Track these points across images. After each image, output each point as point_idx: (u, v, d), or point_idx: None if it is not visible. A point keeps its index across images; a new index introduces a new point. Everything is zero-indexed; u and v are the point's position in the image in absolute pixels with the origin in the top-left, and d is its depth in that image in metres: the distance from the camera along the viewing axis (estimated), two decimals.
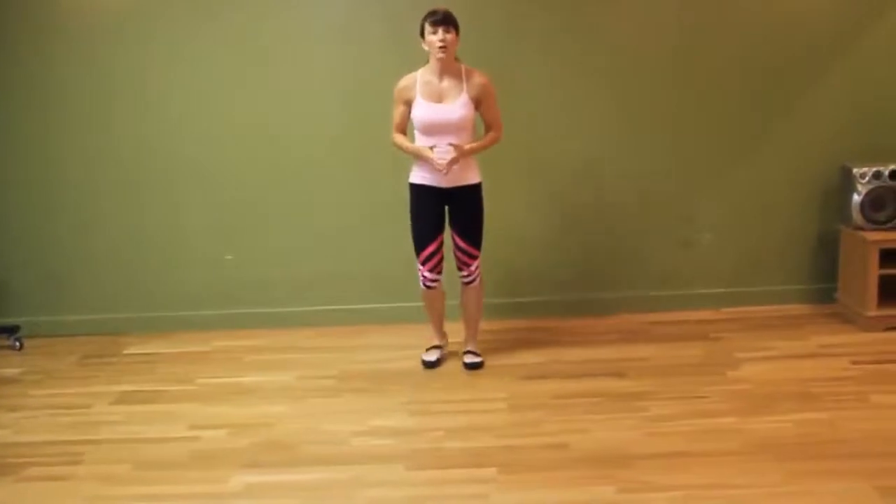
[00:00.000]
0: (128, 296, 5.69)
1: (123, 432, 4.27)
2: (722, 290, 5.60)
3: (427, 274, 4.76)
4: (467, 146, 4.52)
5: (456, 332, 5.03)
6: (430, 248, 4.71)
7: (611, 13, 5.32)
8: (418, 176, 4.67)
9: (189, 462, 3.93)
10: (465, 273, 4.79)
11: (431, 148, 4.49)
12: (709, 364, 4.71)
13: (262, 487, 3.66)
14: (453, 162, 4.47)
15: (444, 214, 4.73)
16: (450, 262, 4.82)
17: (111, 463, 3.94)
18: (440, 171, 4.48)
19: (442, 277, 4.81)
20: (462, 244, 4.72)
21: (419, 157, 4.58)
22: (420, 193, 4.69)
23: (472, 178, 4.67)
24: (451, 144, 4.46)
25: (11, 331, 5.53)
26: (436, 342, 5.01)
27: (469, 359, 4.88)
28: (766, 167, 5.46)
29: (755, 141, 5.44)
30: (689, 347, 4.96)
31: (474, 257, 4.75)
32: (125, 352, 5.41)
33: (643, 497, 3.39)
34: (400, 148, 4.67)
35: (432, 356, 4.93)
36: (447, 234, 4.78)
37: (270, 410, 4.44)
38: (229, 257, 5.61)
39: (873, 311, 5.03)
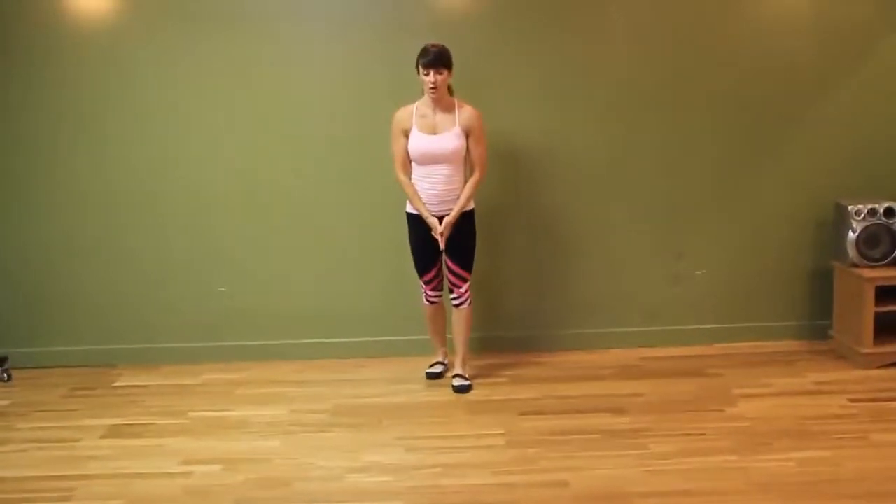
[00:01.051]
0: (118, 327, 5.60)
1: (114, 467, 4.17)
2: (714, 325, 5.60)
3: (430, 292, 5.03)
4: (453, 213, 4.77)
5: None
6: (431, 274, 4.98)
7: (604, 49, 5.34)
8: (413, 206, 4.86)
9: (183, 498, 3.85)
10: (455, 295, 4.96)
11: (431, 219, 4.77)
12: (705, 400, 4.68)
13: None
14: (448, 232, 4.78)
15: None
16: None
17: (103, 499, 3.85)
18: (436, 236, 4.78)
19: (443, 293, 5.04)
20: (453, 267, 4.90)
21: (420, 214, 4.81)
22: (416, 223, 4.88)
23: (468, 204, 4.86)
24: (439, 235, 4.77)
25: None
26: (438, 358, 5.22)
27: (457, 381, 4.99)
28: (759, 203, 5.48)
29: (747, 176, 5.46)
30: (684, 383, 4.94)
31: (465, 280, 4.93)
32: (114, 384, 5.32)
33: None
34: (405, 192, 4.84)
35: (435, 368, 5.17)
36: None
37: (263, 445, 4.37)
38: (222, 289, 5.55)
39: (869, 349, 5.03)
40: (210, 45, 5.32)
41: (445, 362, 5.21)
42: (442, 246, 4.79)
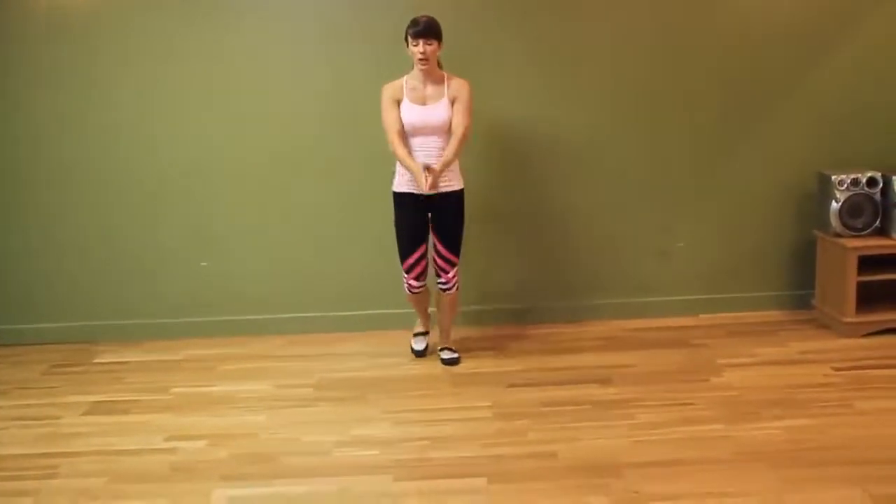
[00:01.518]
0: (98, 303, 5.54)
1: (98, 444, 4.13)
2: (700, 296, 5.60)
3: (412, 282, 4.84)
4: (441, 163, 4.56)
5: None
6: (415, 256, 4.77)
7: (588, 23, 5.29)
8: (402, 184, 4.72)
9: (168, 475, 3.81)
10: (442, 280, 4.83)
11: (427, 168, 4.53)
12: (692, 371, 4.69)
13: (245, 501, 3.56)
14: (435, 181, 4.53)
15: (428, 222, 4.76)
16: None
17: (87, 476, 3.81)
18: (425, 188, 4.51)
19: (426, 282, 4.88)
20: (442, 250, 4.77)
21: (411, 172, 4.59)
22: (404, 202, 4.74)
23: (455, 184, 4.73)
24: (426, 169, 4.50)
25: None
26: (420, 329, 5.15)
27: (446, 354, 4.98)
28: (742, 175, 5.47)
29: (731, 148, 5.45)
30: (671, 354, 4.95)
31: (453, 264, 4.80)
32: (96, 360, 5.27)
33: None
34: (397, 157, 4.65)
35: (420, 344, 5.10)
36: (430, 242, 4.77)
37: (248, 420, 4.34)
38: (204, 264, 5.49)
39: (851, 318, 5.06)
40: (197, 29, 5.25)
41: (427, 332, 5.15)
42: (427, 188, 4.48)
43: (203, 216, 5.46)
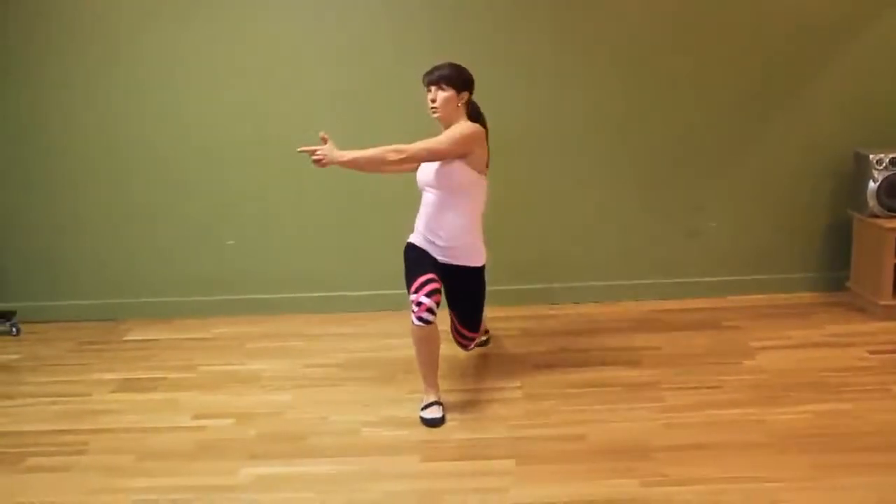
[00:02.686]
0: (127, 281, 5.57)
1: (126, 421, 4.15)
2: (730, 277, 5.53)
3: (423, 299, 3.89)
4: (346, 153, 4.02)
5: None
6: (426, 276, 3.99)
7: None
8: (415, 239, 4.26)
9: (195, 452, 3.82)
10: (462, 348, 4.52)
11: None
12: (722, 353, 4.62)
13: (272, 479, 3.56)
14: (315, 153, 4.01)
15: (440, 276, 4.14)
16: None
17: (115, 453, 3.83)
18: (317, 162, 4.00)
19: (437, 312, 3.96)
20: (461, 328, 4.38)
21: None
22: (417, 249, 4.22)
23: (476, 260, 4.26)
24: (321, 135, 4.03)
25: (8, 316, 5.41)
26: (432, 398, 4.09)
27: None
28: (775, 154, 5.37)
29: (764, 128, 5.35)
30: (700, 336, 4.88)
31: (472, 339, 4.45)
32: (124, 338, 5.30)
33: (668, 490, 3.30)
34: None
35: (437, 412, 4.02)
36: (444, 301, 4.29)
37: (276, 399, 4.34)
38: (231, 242, 5.50)
39: (888, 300, 4.96)
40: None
41: (441, 402, 4.10)
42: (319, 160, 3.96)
43: (231, 194, 5.46)
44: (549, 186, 5.41)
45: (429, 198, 4.18)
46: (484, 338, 4.85)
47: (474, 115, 4.20)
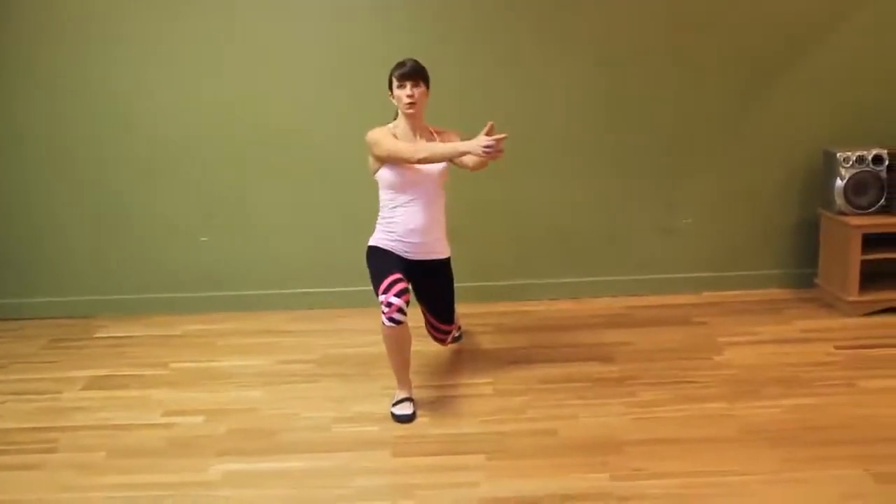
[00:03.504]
0: (99, 278, 5.53)
1: (97, 419, 4.12)
2: (702, 274, 5.57)
3: (393, 300, 3.85)
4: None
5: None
6: (394, 276, 3.96)
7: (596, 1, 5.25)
8: (381, 242, 4.22)
9: (166, 449, 3.80)
10: (439, 343, 4.54)
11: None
12: (694, 349, 4.66)
13: (243, 476, 3.55)
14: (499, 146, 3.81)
15: (410, 276, 4.15)
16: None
17: (85, 451, 3.80)
18: (492, 152, 3.78)
19: (407, 311, 3.94)
20: (435, 322, 4.40)
21: (455, 153, 3.92)
22: (382, 252, 4.19)
23: (445, 252, 4.29)
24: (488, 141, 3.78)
25: None
26: (403, 394, 4.10)
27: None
28: (746, 152, 5.42)
29: (735, 126, 5.40)
30: (672, 332, 4.92)
31: (449, 333, 4.47)
32: (96, 335, 5.26)
33: (638, 485, 3.33)
34: (437, 152, 3.94)
35: (407, 409, 4.03)
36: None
37: (248, 396, 4.32)
38: (204, 239, 5.47)
39: (854, 297, 5.03)
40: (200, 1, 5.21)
41: (412, 399, 4.11)
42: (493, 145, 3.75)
43: (204, 191, 5.43)
44: (523, 184, 5.42)
45: (416, 199, 4.11)
46: (457, 333, 4.86)
47: None
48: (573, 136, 5.38)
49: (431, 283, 4.31)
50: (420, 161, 3.96)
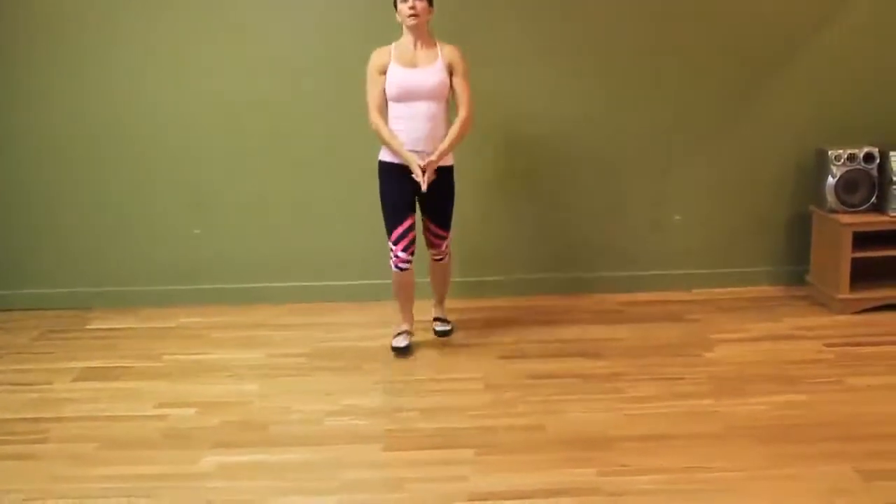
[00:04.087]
0: (92, 269, 5.54)
1: (88, 410, 4.14)
2: (693, 271, 5.60)
3: (400, 254, 4.51)
4: (438, 153, 4.39)
5: (421, 311, 4.98)
6: (403, 227, 4.50)
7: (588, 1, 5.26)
8: (388, 154, 4.51)
9: (158, 441, 3.82)
10: (434, 251, 4.74)
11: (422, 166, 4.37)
12: (683, 345, 4.69)
13: (235, 468, 3.57)
14: (431, 175, 4.39)
15: (416, 192, 4.51)
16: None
17: (77, 441, 3.82)
18: (418, 178, 4.37)
19: (414, 258, 4.59)
20: (433, 227, 4.67)
21: (403, 159, 4.41)
22: (391, 171, 4.50)
23: (446, 160, 4.52)
24: (420, 167, 4.36)
25: None
26: (405, 327, 4.80)
27: (439, 326, 4.95)
28: (738, 149, 5.45)
29: (728, 123, 5.42)
30: (662, 328, 4.94)
31: (445, 238, 4.69)
32: (88, 327, 5.28)
33: (625, 480, 3.35)
34: (380, 136, 4.45)
35: (403, 341, 4.72)
36: (419, 214, 4.67)
37: (240, 389, 4.34)
38: (197, 231, 5.48)
39: (845, 294, 5.05)
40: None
41: (411, 332, 4.83)
42: (424, 188, 4.34)
43: (197, 183, 5.44)
44: (513, 179, 5.45)
45: (416, 107, 4.38)
46: (448, 327, 4.91)
47: None
48: (564, 133, 5.39)
49: (434, 191, 4.46)
50: (373, 126, 4.44)
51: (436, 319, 4.99)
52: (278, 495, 3.37)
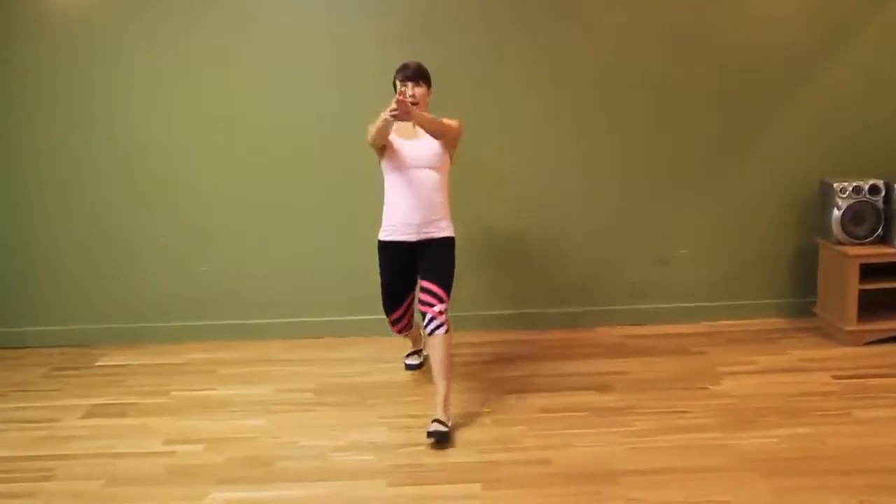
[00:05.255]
0: (99, 306, 5.57)
1: (95, 447, 4.14)
2: (699, 304, 5.59)
3: (396, 333, 4.74)
4: (419, 114, 4.11)
5: None
6: (399, 311, 4.55)
7: (588, 29, 5.30)
8: (386, 232, 4.39)
9: (164, 478, 3.82)
10: (429, 317, 4.18)
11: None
12: (690, 378, 4.67)
13: None
14: (410, 106, 4.04)
15: (414, 271, 4.40)
16: None
17: (83, 479, 3.82)
18: (399, 111, 3.96)
19: (412, 328, 4.78)
20: (427, 285, 4.26)
21: (384, 124, 4.09)
22: (389, 252, 4.41)
23: (445, 231, 4.38)
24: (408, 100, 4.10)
25: None
26: (414, 348, 5.03)
27: (434, 427, 4.04)
28: (744, 182, 5.46)
29: (732, 155, 5.44)
30: (668, 362, 4.93)
31: (440, 299, 4.21)
32: (96, 364, 5.29)
33: None
34: (375, 127, 4.17)
35: (415, 360, 4.99)
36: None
37: (247, 425, 4.34)
38: (205, 268, 5.51)
39: (853, 326, 5.03)
40: (191, 24, 5.28)
41: (423, 350, 4.96)
42: (403, 111, 3.95)
43: (204, 219, 5.48)
44: (520, 213, 5.47)
45: (417, 177, 4.30)
46: (445, 429, 4.07)
47: None
48: (570, 167, 5.42)
49: (434, 259, 4.33)
50: (371, 139, 4.27)
51: (434, 421, 4.09)
52: None
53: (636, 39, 5.30)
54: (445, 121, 4.30)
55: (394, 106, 3.99)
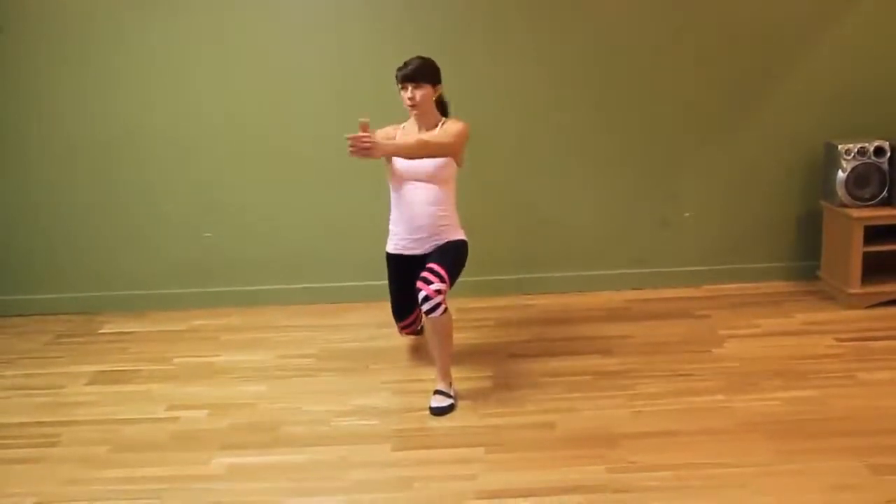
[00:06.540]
0: (103, 274, 5.57)
1: (100, 413, 4.17)
2: (703, 267, 5.57)
3: (404, 337, 4.75)
4: (391, 142, 4.10)
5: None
6: (405, 322, 4.53)
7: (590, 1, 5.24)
8: (392, 244, 4.37)
9: (169, 443, 3.84)
10: (424, 294, 3.95)
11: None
12: (693, 342, 4.67)
13: (244, 469, 3.59)
14: (372, 142, 3.85)
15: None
16: None
17: (88, 444, 3.85)
18: (356, 149, 3.83)
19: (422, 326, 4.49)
20: (427, 265, 4.08)
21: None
22: (395, 264, 4.39)
23: (454, 235, 4.30)
24: (361, 121, 3.87)
25: None
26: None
27: (435, 401, 4.03)
28: (748, 144, 5.41)
29: (736, 118, 5.39)
30: (672, 325, 4.93)
31: (439, 278, 4.00)
32: (100, 331, 5.30)
33: (634, 477, 3.35)
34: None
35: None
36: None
37: (250, 390, 4.36)
38: (207, 235, 5.50)
39: (856, 289, 5.02)
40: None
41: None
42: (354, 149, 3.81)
43: (207, 186, 5.46)
44: (524, 178, 5.44)
45: (417, 187, 4.21)
46: (445, 403, 4.05)
47: (441, 104, 4.34)
48: (573, 131, 5.38)
49: (435, 250, 4.23)
50: None
51: (435, 392, 4.10)
52: (288, 496, 3.39)
53: (637, 7, 5.23)
54: (436, 137, 4.14)
55: (349, 143, 3.80)
